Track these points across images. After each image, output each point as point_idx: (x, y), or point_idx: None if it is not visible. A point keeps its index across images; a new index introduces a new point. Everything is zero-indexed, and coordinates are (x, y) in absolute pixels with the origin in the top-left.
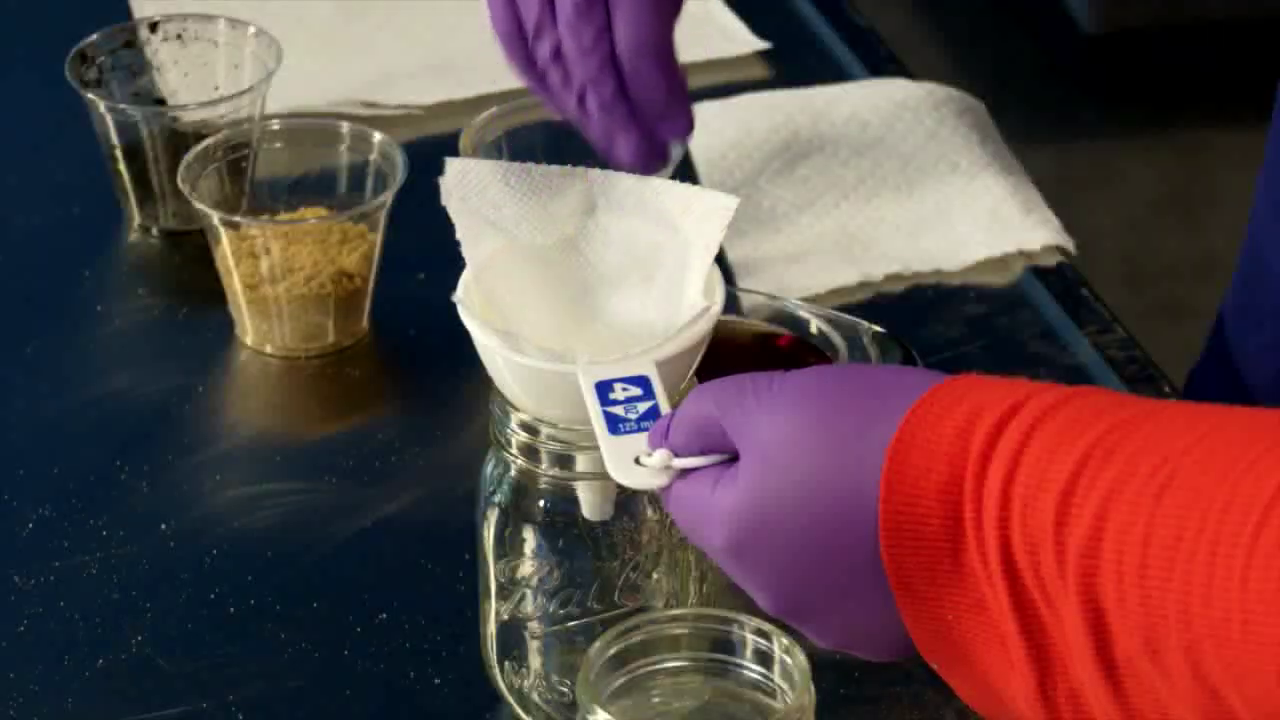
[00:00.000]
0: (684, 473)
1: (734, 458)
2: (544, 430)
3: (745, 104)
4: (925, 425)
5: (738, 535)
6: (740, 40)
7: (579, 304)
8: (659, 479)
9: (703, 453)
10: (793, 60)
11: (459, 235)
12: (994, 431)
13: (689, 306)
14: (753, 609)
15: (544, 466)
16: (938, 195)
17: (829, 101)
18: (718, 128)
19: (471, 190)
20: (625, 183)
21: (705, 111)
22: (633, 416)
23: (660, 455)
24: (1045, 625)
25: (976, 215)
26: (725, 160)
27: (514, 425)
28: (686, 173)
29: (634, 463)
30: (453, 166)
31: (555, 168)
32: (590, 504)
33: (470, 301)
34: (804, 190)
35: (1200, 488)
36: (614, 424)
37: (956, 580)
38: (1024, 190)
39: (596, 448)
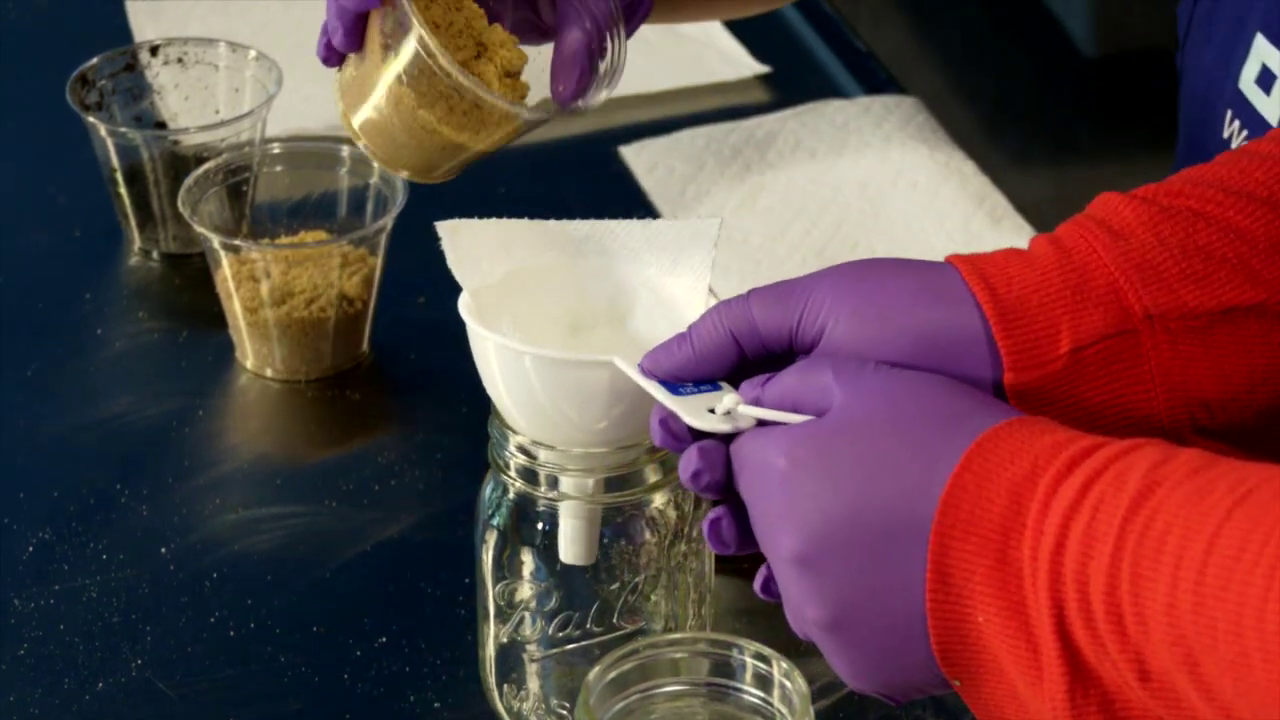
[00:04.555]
0: (760, 424)
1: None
2: (541, 453)
3: (688, 139)
4: (1025, 425)
5: (802, 450)
6: (740, 64)
7: (560, 343)
8: (742, 425)
9: (795, 411)
10: (792, 84)
11: (452, 265)
12: (1092, 445)
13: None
14: (752, 633)
15: (542, 489)
16: (904, 215)
17: (770, 132)
18: (669, 165)
19: (463, 241)
20: (598, 228)
21: (652, 148)
22: (688, 384)
23: (748, 409)
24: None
25: (950, 232)
26: (684, 196)
27: (512, 448)
28: (648, 211)
29: (707, 412)
30: (444, 227)
31: (534, 222)
32: (568, 547)
33: (474, 310)
34: (771, 221)
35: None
36: (673, 389)
37: (997, 578)
38: (990, 198)
39: (584, 472)
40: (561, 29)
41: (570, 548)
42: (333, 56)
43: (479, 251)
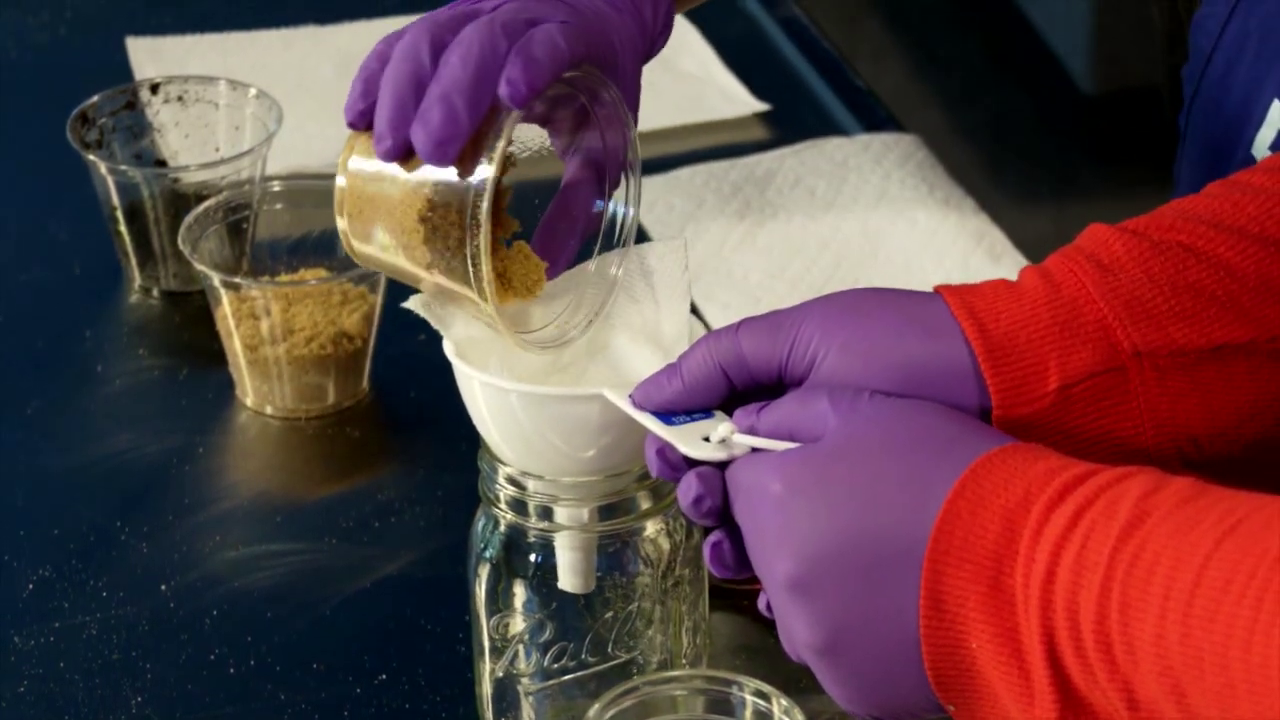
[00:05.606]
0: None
1: None
2: (531, 484)
3: (687, 176)
4: (1018, 452)
5: (796, 475)
6: (740, 102)
7: (546, 377)
8: (736, 452)
9: (789, 440)
10: (792, 121)
11: (435, 326)
12: (1084, 473)
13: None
14: (751, 670)
15: (532, 521)
16: (904, 252)
17: (770, 170)
18: (668, 203)
19: (439, 307)
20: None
21: (651, 185)
22: (680, 415)
23: (743, 438)
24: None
25: (949, 269)
26: (683, 234)
27: (501, 480)
28: None
29: (702, 440)
30: (417, 304)
31: None
32: (567, 577)
33: (460, 350)
34: (771, 258)
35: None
36: (665, 419)
37: (990, 605)
38: (989, 236)
39: (576, 502)
40: (564, 186)
41: (569, 578)
42: (362, 125)
43: (456, 311)
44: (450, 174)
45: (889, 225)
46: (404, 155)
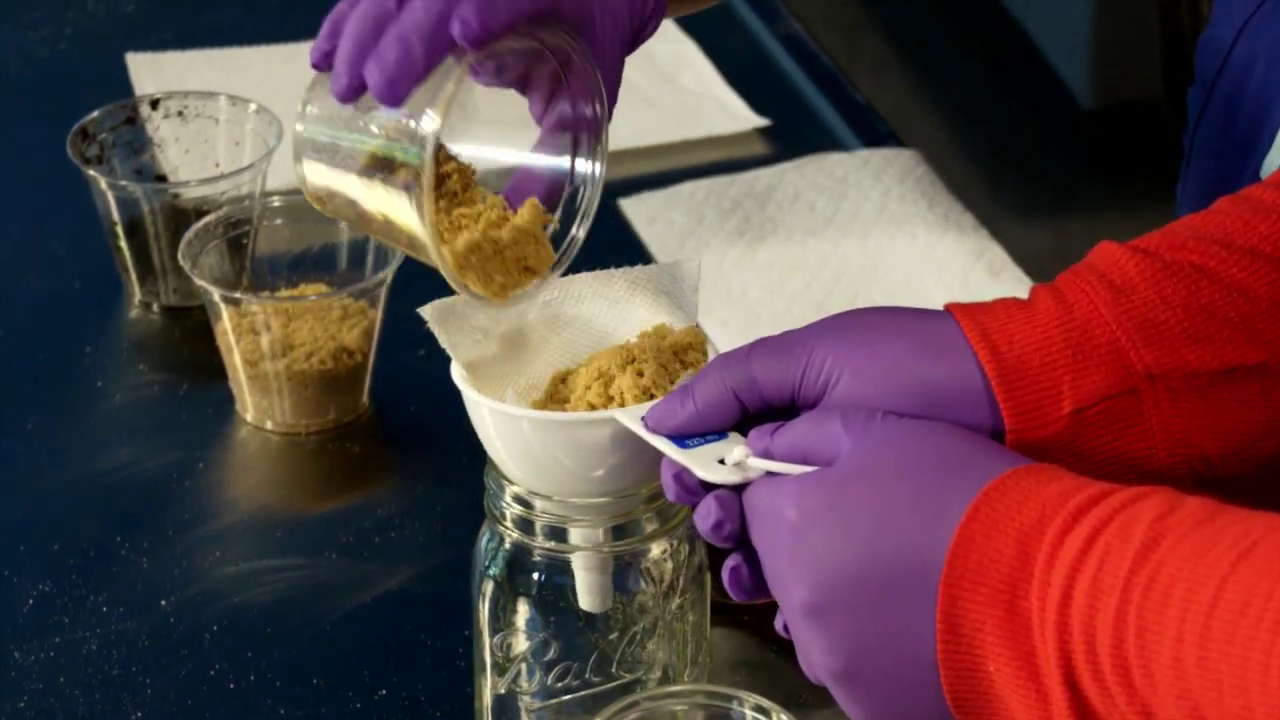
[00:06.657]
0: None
1: None
2: (538, 503)
3: (688, 192)
4: (1031, 473)
5: (811, 500)
6: (741, 117)
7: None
8: (752, 475)
9: (803, 463)
10: (793, 136)
11: (445, 345)
12: (1098, 494)
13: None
14: (752, 685)
15: (538, 540)
16: (904, 268)
17: (769, 185)
18: (668, 218)
19: (451, 321)
20: (577, 281)
21: (651, 201)
22: (693, 437)
23: (758, 461)
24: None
25: (949, 285)
26: (683, 249)
27: (508, 499)
28: (647, 264)
29: (717, 463)
30: (430, 312)
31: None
32: (587, 597)
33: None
34: (771, 273)
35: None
36: (679, 441)
37: (1007, 629)
38: (989, 251)
39: (587, 523)
40: (534, 148)
41: (588, 598)
42: (325, 66)
43: (467, 327)
44: (401, 114)
45: (888, 241)
46: (360, 96)
